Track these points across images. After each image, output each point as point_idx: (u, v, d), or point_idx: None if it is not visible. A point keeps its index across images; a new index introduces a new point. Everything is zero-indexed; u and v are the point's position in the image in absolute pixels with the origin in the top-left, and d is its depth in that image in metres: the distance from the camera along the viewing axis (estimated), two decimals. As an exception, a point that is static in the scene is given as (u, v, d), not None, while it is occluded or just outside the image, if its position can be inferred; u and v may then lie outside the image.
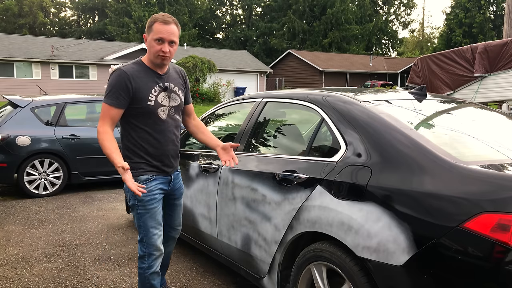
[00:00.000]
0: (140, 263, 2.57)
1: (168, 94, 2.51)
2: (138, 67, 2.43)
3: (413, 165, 1.94)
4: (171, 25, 2.35)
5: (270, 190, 2.60)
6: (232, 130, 3.48)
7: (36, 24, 48.38)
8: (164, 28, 2.33)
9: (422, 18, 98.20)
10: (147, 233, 2.51)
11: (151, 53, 2.39)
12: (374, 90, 2.97)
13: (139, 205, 2.48)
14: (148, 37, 2.38)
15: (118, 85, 2.34)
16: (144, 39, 2.44)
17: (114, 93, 2.35)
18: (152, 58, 2.41)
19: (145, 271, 2.54)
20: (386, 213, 1.92)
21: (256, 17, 53.58)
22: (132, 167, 2.43)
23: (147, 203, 2.48)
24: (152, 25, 2.36)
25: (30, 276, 3.47)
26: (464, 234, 1.67)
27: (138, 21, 42.59)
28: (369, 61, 39.02)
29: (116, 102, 2.35)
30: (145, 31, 2.42)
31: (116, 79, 2.35)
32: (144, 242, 2.52)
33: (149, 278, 2.56)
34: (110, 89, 2.35)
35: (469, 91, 10.25)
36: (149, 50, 2.39)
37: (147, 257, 2.53)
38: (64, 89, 24.24)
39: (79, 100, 6.78)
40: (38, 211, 5.40)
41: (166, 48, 2.35)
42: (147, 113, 2.43)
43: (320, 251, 2.21)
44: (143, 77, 2.41)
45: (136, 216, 2.52)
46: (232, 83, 29.44)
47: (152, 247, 2.53)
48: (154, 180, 2.51)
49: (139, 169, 2.47)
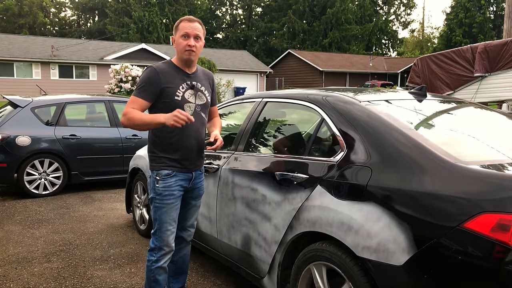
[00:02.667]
0: (149, 255, 2.62)
1: (195, 92, 2.63)
2: (168, 65, 2.59)
3: (413, 165, 1.94)
4: (195, 22, 2.55)
5: (270, 190, 2.60)
6: (232, 130, 3.48)
7: (36, 24, 48.38)
8: (189, 25, 2.53)
9: (422, 18, 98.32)
10: (161, 227, 2.57)
11: (179, 50, 2.55)
12: (374, 90, 2.97)
13: (157, 198, 2.56)
14: (176, 36, 2.56)
15: (148, 80, 2.49)
16: (172, 40, 2.61)
17: (143, 87, 2.50)
18: (180, 54, 2.57)
19: (152, 264, 2.60)
20: (386, 213, 1.92)
21: (256, 17, 53.56)
22: (155, 160, 2.57)
23: (165, 198, 2.55)
24: (178, 25, 2.55)
25: (30, 276, 3.47)
26: (464, 234, 1.67)
27: (138, 21, 42.59)
28: (369, 61, 39.01)
29: (144, 95, 2.49)
30: (173, 33, 2.60)
31: (147, 75, 2.51)
32: (157, 236, 2.59)
33: (154, 272, 2.59)
34: (140, 83, 2.51)
35: (469, 91, 10.25)
36: (177, 48, 2.56)
37: (157, 250, 2.60)
38: (64, 89, 24.24)
39: (79, 100, 6.78)
40: (38, 211, 5.40)
41: (192, 42, 2.51)
42: (174, 107, 2.51)
43: (320, 251, 2.21)
44: (172, 74, 2.56)
45: (153, 209, 2.59)
46: (232, 83, 29.43)
47: (163, 241, 2.58)
48: (174, 176, 2.57)
49: (161, 163, 2.56)
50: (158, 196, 2.55)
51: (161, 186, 2.54)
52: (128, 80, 17.41)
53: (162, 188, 2.54)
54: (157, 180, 2.55)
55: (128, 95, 17.07)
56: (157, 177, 2.55)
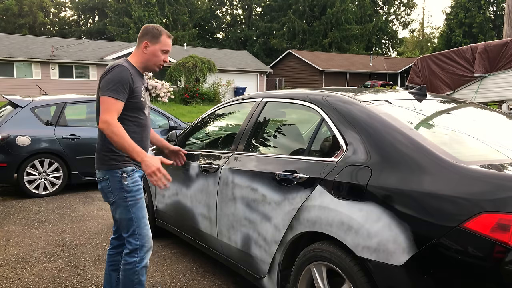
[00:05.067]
0: (129, 258, 2.52)
1: (148, 95, 2.72)
2: (131, 66, 2.56)
3: (413, 165, 1.94)
4: (171, 39, 2.66)
5: (270, 190, 2.60)
6: (232, 130, 3.48)
7: (36, 24, 48.38)
8: (170, 42, 2.62)
9: (422, 18, 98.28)
10: (140, 223, 2.53)
11: (152, 60, 2.59)
12: (374, 90, 2.97)
13: (128, 196, 2.50)
14: (154, 46, 2.57)
15: (123, 81, 2.44)
16: (145, 44, 2.56)
17: (119, 87, 2.42)
18: (151, 64, 2.60)
19: (135, 265, 2.52)
20: (386, 213, 1.92)
21: (256, 17, 53.56)
22: (116, 159, 2.51)
23: (136, 193, 2.53)
24: (160, 36, 2.57)
25: (30, 276, 3.47)
26: (464, 234, 1.67)
27: (138, 21, 42.58)
28: (369, 61, 39.01)
29: (122, 96, 2.43)
30: (147, 38, 2.56)
31: (120, 75, 2.44)
32: (136, 235, 2.52)
33: (139, 273, 2.53)
34: (114, 83, 2.41)
35: (469, 91, 10.26)
36: (150, 57, 2.58)
37: (140, 249, 2.53)
38: (64, 89, 24.24)
39: (79, 100, 6.78)
40: (38, 211, 5.40)
41: (167, 58, 2.63)
42: (139, 108, 2.56)
43: (320, 251, 2.21)
44: (136, 75, 2.57)
45: (125, 209, 2.51)
46: (232, 83, 29.42)
47: (145, 237, 2.55)
48: (137, 172, 2.58)
49: (123, 161, 2.52)
50: (129, 193, 2.50)
51: (130, 182, 2.50)
52: (128, 80, 17.38)
53: (131, 184, 2.51)
54: (124, 177, 2.49)
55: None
56: (123, 174, 2.50)
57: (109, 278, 2.78)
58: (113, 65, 2.48)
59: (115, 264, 2.77)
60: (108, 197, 2.55)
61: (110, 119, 2.35)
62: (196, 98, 24.55)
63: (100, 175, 2.56)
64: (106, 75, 2.45)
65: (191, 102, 24.11)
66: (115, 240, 2.78)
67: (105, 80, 2.43)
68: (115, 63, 2.51)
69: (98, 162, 2.57)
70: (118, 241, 2.77)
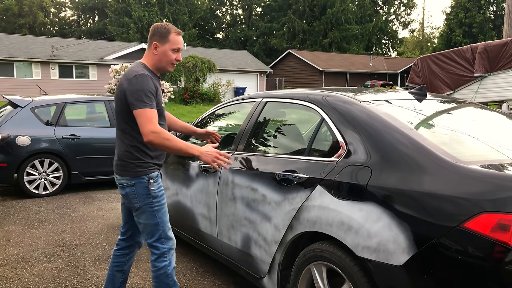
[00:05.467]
0: (159, 263, 2.53)
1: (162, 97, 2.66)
2: (148, 70, 2.50)
3: (413, 165, 1.94)
4: (181, 35, 2.59)
5: (270, 190, 2.60)
6: (232, 130, 3.48)
7: (36, 24, 48.38)
8: (180, 39, 2.55)
9: (422, 18, 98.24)
10: (165, 228, 2.54)
11: (164, 61, 2.52)
12: (374, 90, 2.97)
13: (154, 202, 2.50)
14: (164, 46, 2.50)
15: (150, 89, 2.39)
16: (154, 45, 2.49)
17: (149, 96, 2.38)
18: (164, 64, 2.54)
19: (167, 268, 2.54)
20: (386, 213, 1.92)
21: (256, 17, 53.56)
22: (142, 166, 2.48)
23: (161, 198, 2.53)
24: (168, 35, 2.50)
25: (30, 276, 3.47)
26: (464, 234, 1.67)
27: (138, 21, 42.58)
28: (369, 61, 39.01)
29: (154, 105, 2.40)
30: (155, 39, 2.49)
31: (147, 84, 2.39)
32: (162, 239, 2.54)
33: (171, 275, 2.56)
34: (144, 94, 2.36)
35: (469, 91, 10.26)
36: (162, 58, 2.51)
37: (167, 252, 2.55)
38: (64, 89, 24.24)
39: (79, 100, 6.78)
40: (38, 211, 5.40)
41: (180, 57, 2.55)
42: (161, 114, 2.52)
43: (320, 251, 2.21)
44: (155, 79, 2.51)
45: (151, 214, 2.50)
46: (232, 83, 29.43)
47: (171, 241, 2.57)
48: (160, 177, 2.59)
49: (148, 167, 2.50)
50: (155, 199, 2.50)
51: (156, 188, 2.50)
52: (128, 80, 17.36)
53: (157, 190, 2.51)
54: (150, 183, 2.49)
55: (128, 95, 17.04)
56: (150, 180, 2.49)
57: (112, 278, 2.78)
58: (135, 74, 2.40)
59: (120, 265, 2.78)
60: (133, 203, 2.51)
61: (155, 129, 2.32)
62: (196, 98, 24.55)
63: (124, 181, 2.50)
64: (132, 85, 2.37)
65: (191, 102, 24.11)
66: (123, 241, 2.77)
67: (132, 91, 2.36)
68: (135, 70, 2.43)
69: (121, 168, 2.50)
70: (126, 242, 2.77)
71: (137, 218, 2.55)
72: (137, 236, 2.77)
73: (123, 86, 2.42)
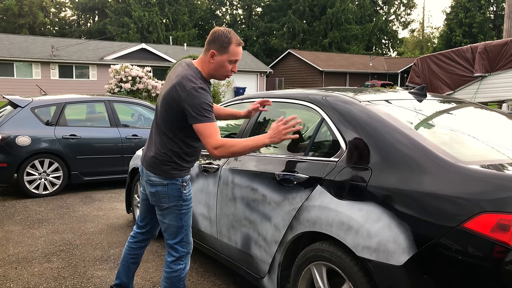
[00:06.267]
0: (175, 266, 2.52)
1: None
2: (203, 80, 2.39)
3: (413, 165, 1.94)
4: (242, 46, 2.45)
5: (270, 190, 2.60)
6: (232, 130, 3.48)
7: (36, 24, 48.39)
8: (240, 50, 2.41)
9: (422, 18, 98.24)
10: (188, 232, 2.54)
11: (219, 71, 2.40)
12: (374, 90, 2.97)
13: (183, 205, 2.49)
14: (222, 57, 2.36)
15: (209, 102, 2.32)
16: (211, 53, 2.36)
17: (209, 110, 2.30)
18: (217, 74, 2.42)
19: (181, 272, 2.53)
20: (386, 213, 1.92)
21: (256, 17, 53.57)
22: (178, 169, 2.46)
23: (190, 202, 2.54)
24: (229, 46, 2.36)
25: (30, 276, 3.47)
26: (464, 234, 1.67)
27: (138, 21, 42.59)
28: (369, 61, 39.02)
29: (214, 117, 2.33)
30: (214, 47, 2.36)
31: (206, 97, 2.30)
32: (184, 242, 2.53)
33: (183, 279, 2.56)
34: (205, 107, 2.28)
35: (469, 91, 10.26)
36: (218, 68, 2.39)
37: (185, 256, 2.55)
38: (64, 89, 24.26)
39: (79, 100, 6.78)
40: (38, 211, 5.40)
41: (236, 68, 2.44)
42: None
43: (320, 251, 2.21)
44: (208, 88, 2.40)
45: (178, 216, 2.49)
46: (232, 83, 29.41)
47: (190, 244, 2.57)
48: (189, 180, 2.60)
49: (183, 170, 2.49)
50: (185, 202, 2.49)
51: (187, 191, 2.50)
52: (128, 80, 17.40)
53: (188, 193, 2.50)
54: (184, 186, 2.47)
55: (128, 95, 17.07)
56: (183, 183, 2.47)
57: (127, 270, 2.80)
58: (194, 86, 2.28)
59: (136, 257, 2.81)
60: (162, 202, 2.47)
61: (217, 143, 2.26)
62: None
63: (156, 179, 2.45)
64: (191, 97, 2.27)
65: (191, 102, 24.06)
66: (140, 234, 2.78)
67: (193, 104, 2.26)
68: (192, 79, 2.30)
69: (156, 167, 2.44)
70: (144, 236, 2.79)
71: (161, 217, 2.53)
72: (154, 230, 2.81)
73: (179, 96, 2.29)
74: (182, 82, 2.30)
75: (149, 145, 2.53)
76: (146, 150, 2.55)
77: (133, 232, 2.82)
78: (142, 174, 2.56)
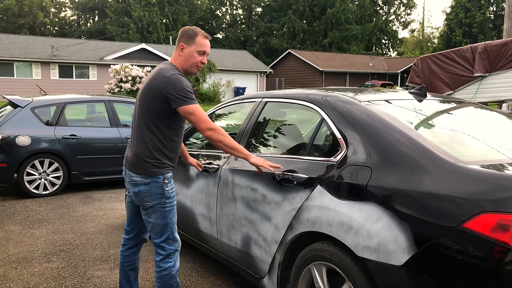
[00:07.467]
0: (164, 264, 2.54)
1: None
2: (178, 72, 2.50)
3: (413, 165, 1.94)
4: (208, 40, 2.61)
5: (270, 190, 2.60)
6: (232, 130, 3.48)
7: (36, 24, 48.39)
8: (207, 42, 2.57)
9: (422, 18, 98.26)
10: (173, 229, 2.56)
11: (189, 62, 2.54)
12: (374, 90, 2.97)
13: (167, 202, 2.51)
14: (190, 48, 2.52)
15: (191, 88, 2.45)
16: (181, 46, 2.53)
17: (192, 93, 2.44)
18: (188, 67, 2.55)
19: (171, 270, 2.55)
20: (386, 213, 1.92)
21: (256, 17, 53.56)
22: (159, 166, 2.48)
23: (173, 199, 2.55)
24: (195, 37, 2.53)
25: (30, 276, 3.47)
26: (464, 234, 1.67)
27: (138, 21, 42.58)
28: (369, 61, 39.01)
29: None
30: (183, 40, 2.53)
31: (186, 81, 2.45)
32: (170, 240, 2.55)
33: (175, 276, 2.57)
34: (188, 90, 2.41)
35: (469, 91, 10.26)
36: (188, 59, 2.54)
37: (173, 254, 2.56)
38: (64, 89, 24.24)
39: (79, 100, 6.78)
40: (38, 211, 5.40)
41: (205, 60, 2.57)
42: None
43: (320, 251, 2.21)
44: None
45: (162, 214, 2.51)
46: (232, 83, 29.44)
47: (177, 242, 2.59)
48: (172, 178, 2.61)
49: (164, 167, 2.51)
50: (168, 199, 2.51)
51: (170, 188, 2.52)
52: (128, 80, 17.40)
53: (171, 191, 2.53)
54: (166, 183, 2.50)
55: (128, 95, 17.08)
56: (165, 180, 2.50)
57: (127, 277, 2.80)
58: (172, 73, 2.41)
59: (132, 264, 2.81)
60: (145, 201, 2.50)
61: (212, 125, 2.42)
62: (196, 98, 24.43)
63: (139, 179, 2.49)
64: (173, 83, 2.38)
65: (191, 102, 24.07)
66: (129, 240, 2.78)
67: (176, 89, 2.37)
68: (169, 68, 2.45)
69: (137, 166, 2.48)
70: (133, 241, 2.78)
71: (146, 217, 2.55)
72: (143, 233, 2.79)
73: (159, 84, 2.40)
74: (160, 72, 2.45)
75: (130, 146, 2.58)
76: (127, 152, 2.61)
77: (123, 240, 2.82)
78: (125, 175, 2.60)
